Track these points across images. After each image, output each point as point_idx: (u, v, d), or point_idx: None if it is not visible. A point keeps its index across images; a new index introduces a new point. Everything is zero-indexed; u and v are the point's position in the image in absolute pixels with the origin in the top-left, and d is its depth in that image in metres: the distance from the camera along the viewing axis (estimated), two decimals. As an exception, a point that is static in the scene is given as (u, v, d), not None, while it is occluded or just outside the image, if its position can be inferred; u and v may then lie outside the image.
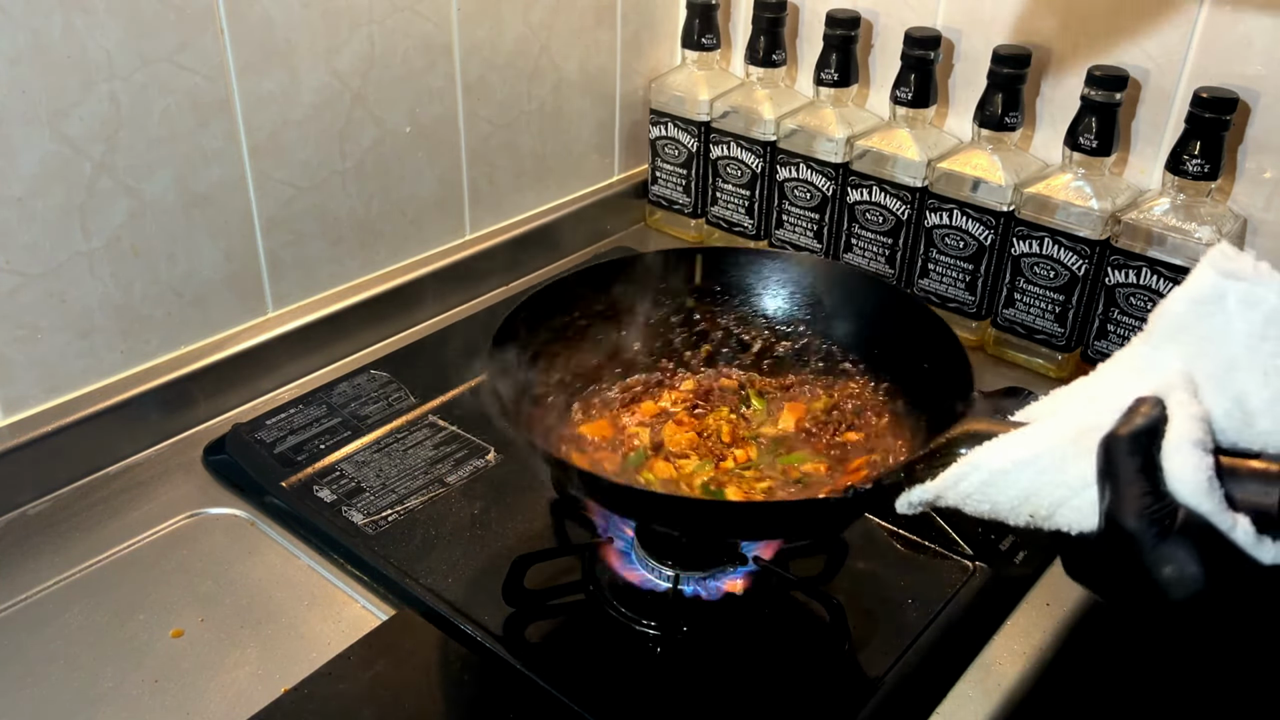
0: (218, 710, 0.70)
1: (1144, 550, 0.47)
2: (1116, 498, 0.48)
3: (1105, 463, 0.50)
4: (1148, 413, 0.49)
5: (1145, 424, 0.49)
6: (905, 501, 0.60)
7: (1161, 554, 0.47)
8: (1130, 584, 0.49)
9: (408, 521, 0.85)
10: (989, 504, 0.55)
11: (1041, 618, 0.80)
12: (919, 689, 0.74)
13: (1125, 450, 0.49)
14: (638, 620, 0.75)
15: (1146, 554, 0.47)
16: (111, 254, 0.88)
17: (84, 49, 0.81)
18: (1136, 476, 0.48)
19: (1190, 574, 0.47)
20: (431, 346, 1.09)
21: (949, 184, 1.08)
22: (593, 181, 1.32)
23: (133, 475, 0.90)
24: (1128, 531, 0.48)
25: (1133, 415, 0.50)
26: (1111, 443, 0.49)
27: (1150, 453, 0.49)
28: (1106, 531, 0.49)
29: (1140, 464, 0.48)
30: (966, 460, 0.56)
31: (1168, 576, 0.47)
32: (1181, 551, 0.47)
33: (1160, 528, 0.47)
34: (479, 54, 1.11)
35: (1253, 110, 0.97)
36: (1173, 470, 0.48)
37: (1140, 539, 0.47)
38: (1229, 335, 0.52)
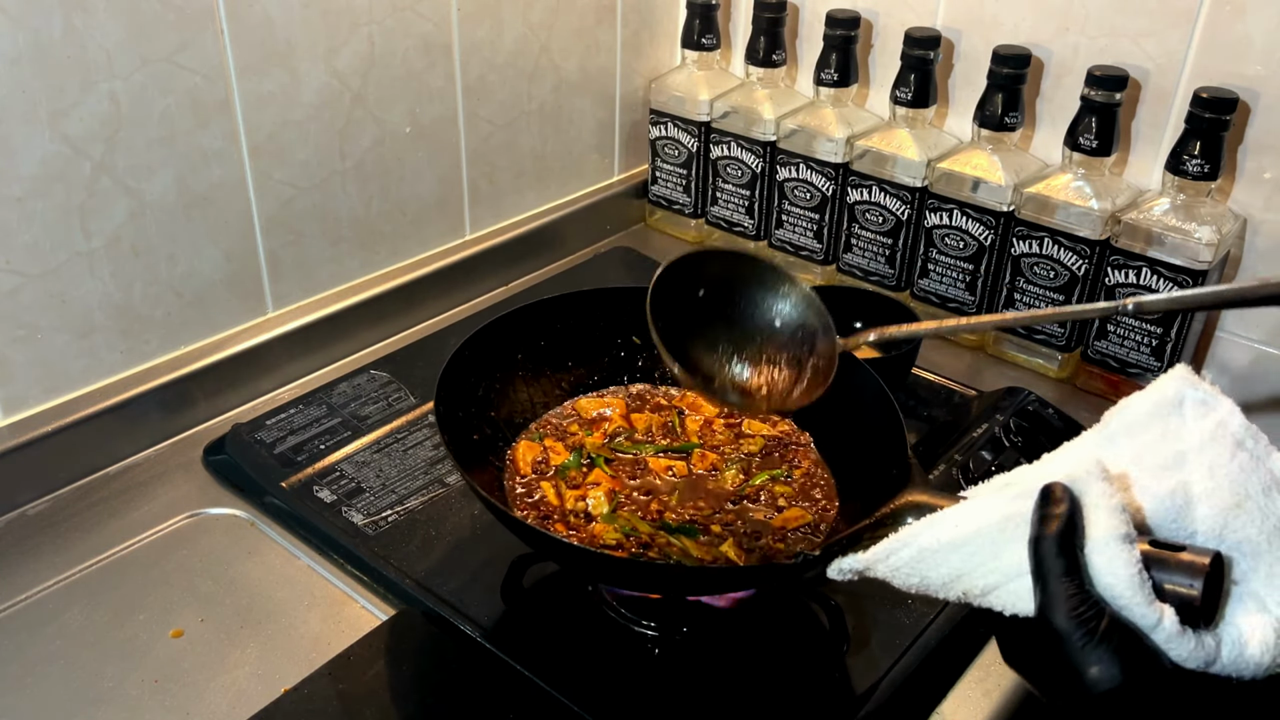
0: (218, 710, 0.70)
1: (1072, 650, 0.50)
2: (1046, 598, 0.51)
3: (1035, 562, 0.52)
4: (1062, 509, 0.52)
5: (1064, 524, 0.52)
6: (836, 569, 0.63)
7: (1088, 655, 0.49)
8: (1056, 675, 0.52)
9: (408, 522, 0.85)
10: (918, 579, 0.58)
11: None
12: (919, 689, 0.74)
13: (1052, 551, 0.51)
14: (637, 621, 0.75)
15: (1074, 654, 0.50)
16: (111, 254, 0.88)
17: (84, 49, 0.81)
18: (1063, 578, 0.51)
19: (1112, 674, 0.49)
20: (431, 346, 1.09)
21: (949, 184, 1.08)
22: (593, 181, 1.32)
23: (133, 475, 0.90)
24: (1058, 630, 0.50)
25: (1050, 511, 0.52)
26: (1039, 543, 0.52)
27: (1074, 552, 0.51)
28: (1038, 626, 0.52)
29: (1065, 565, 0.51)
30: (898, 536, 0.59)
31: (1093, 676, 0.49)
32: (1106, 654, 0.49)
33: (1087, 629, 0.50)
34: (479, 54, 1.11)
35: (1253, 110, 0.97)
36: (1099, 567, 0.51)
37: (1068, 639, 0.50)
38: (1182, 434, 0.56)
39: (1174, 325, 0.98)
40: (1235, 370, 1.06)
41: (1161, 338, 1.00)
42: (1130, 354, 1.02)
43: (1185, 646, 0.50)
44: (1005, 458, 0.91)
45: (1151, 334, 1.00)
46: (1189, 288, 0.93)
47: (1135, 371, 1.03)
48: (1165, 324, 0.99)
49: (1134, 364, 1.02)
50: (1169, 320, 0.98)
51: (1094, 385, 1.06)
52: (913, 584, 0.59)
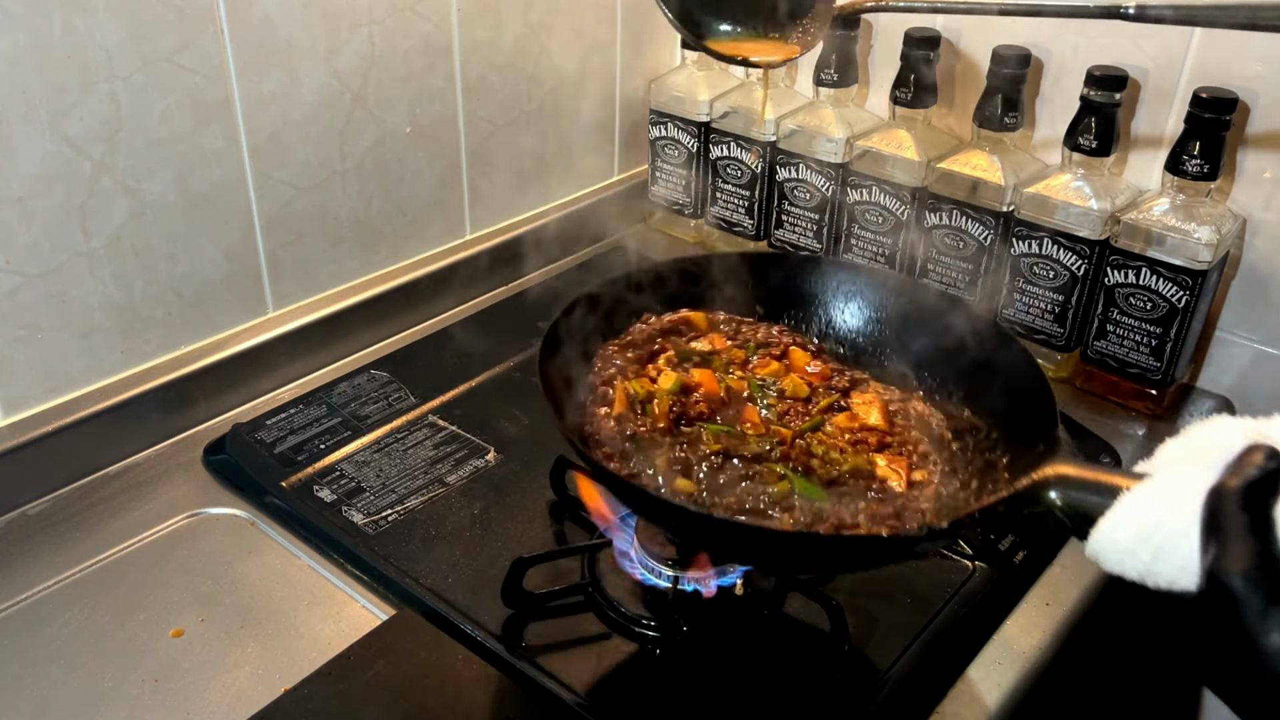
0: (218, 710, 0.70)
1: (1248, 613, 0.44)
2: (1223, 554, 0.45)
3: (1211, 516, 0.46)
4: (1260, 463, 0.46)
5: (1258, 474, 0.45)
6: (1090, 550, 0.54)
7: (1270, 620, 0.43)
8: (1229, 650, 0.45)
9: (408, 521, 0.85)
10: (1124, 566, 0.51)
11: (1041, 618, 0.80)
12: (919, 689, 0.74)
13: (1235, 503, 0.45)
14: (638, 621, 0.75)
15: (1251, 617, 0.44)
16: (111, 254, 0.88)
17: (84, 49, 0.81)
18: (1246, 533, 0.45)
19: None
20: (431, 346, 1.09)
21: (948, 184, 1.08)
22: (593, 181, 1.32)
23: (133, 475, 0.90)
24: (1232, 591, 0.44)
25: (1243, 465, 0.46)
26: (1220, 494, 0.46)
27: (1263, 507, 0.45)
28: (1208, 590, 0.46)
29: (1250, 521, 0.45)
30: (1110, 518, 0.51)
31: (1274, 644, 0.43)
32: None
33: (1268, 590, 0.44)
34: (479, 54, 1.11)
35: (1253, 110, 0.97)
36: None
37: (1245, 600, 0.44)
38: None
39: (1173, 325, 0.98)
40: (1235, 370, 1.06)
41: (1161, 338, 1.00)
42: (1130, 354, 1.02)
43: None
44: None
45: (1151, 334, 1.00)
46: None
47: (1135, 372, 1.03)
48: (1165, 324, 0.99)
49: (1133, 364, 1.02)
50: (1169, 320, 0.98)
51: (1093, 385, 1.06)
52: (1124, 570, 0.51)
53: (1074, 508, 0.55)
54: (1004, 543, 0.85)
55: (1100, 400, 1.05)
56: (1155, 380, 1.02)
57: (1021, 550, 0.84)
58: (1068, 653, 0.80)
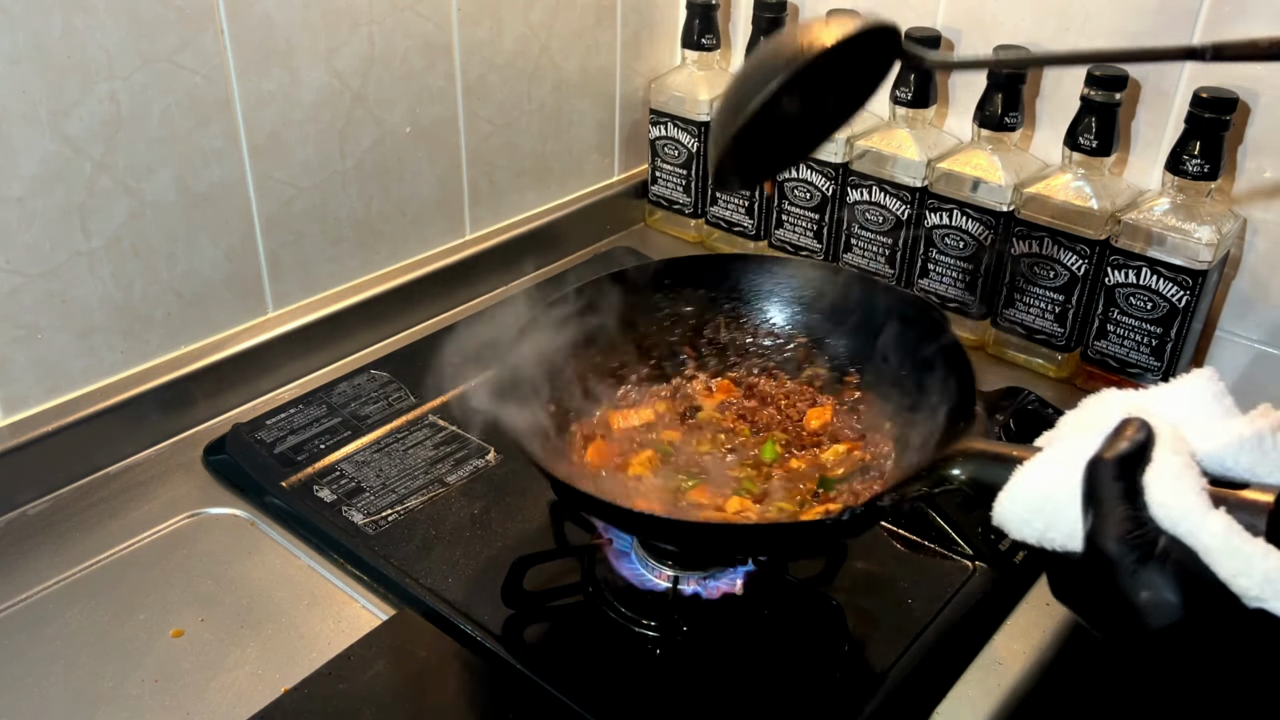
0: (218, 710, 0.70)
1: (1122, 574, 0.48)
2: (1099, 520, 0.49)
3: (1089, 485, 0.50)
4: (1132, 435, 0.50)
5: (1130, 448, 0.49)
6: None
7: (1139, 579, 0.47)
8: (1109, 608, 0.49)
9: (408, 521, 0.85)
10: (1023, 529, 0.54)
11: (1041, 617, 0.80)
12: (919, 689, 0.74)
13: (1110, 474, 0.49)
14: (637, 621, 0.75)
15: (1124, 578, 0.48)
16: (111, 254, 0.88)
17: (84, 49, 0.81)
18: (1119, 501, 0.48)
19: (1167, 601, 0.47)
20: (431, 346, 1.09)
21: (949, 184, 1.08)
22: (593, 181, 1.32)
23: (133, 475, 0.90)
24: (1107, 555, 0.48)
25: (1118, 438, 0.50)
26: (1096, 465, 0.50)
27: (1133, 477, 0.49)
28: (1087, 553, 0.50)
29: (1123, 489, 0.49)
30: (1008, 488, 0.55)
31: (1144, 602, 0.47)
32: (1159, 578, 0.47)
33: (1140, 553, 0.47)
34: (479, 54, 1.11)
35: (1253, 110, 0.97)
36: (1155, 495, 0.49)
37: (1119, 563, 0.48)
38: (1223, 404, 0.54)
39: (1174, 325, 0.98)
40: (1235, 370, 1.06)
41: (1161, 338, 1.00)
42: (1130, 354, 1.02)
43: (1248, 554, 0.46)
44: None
45: (1151, 334, 1.00)
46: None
47: (1135, 371, 1.03)
48: (1165, 324, 0.99)
49: (1134, 364, 1.02)
50: (1169, 320, 0.98)
51: (1094, 385, 1.06)
52: (1024, 536, 0.54)
53: (978, 481, 0.58)
54: (1004, 543, 0.85)
55: (1100, 400, 1.05)
56: (1156, 380, 1.02)
57: (1021, 550, 0.84)
58: (1068, 653, 0.80)
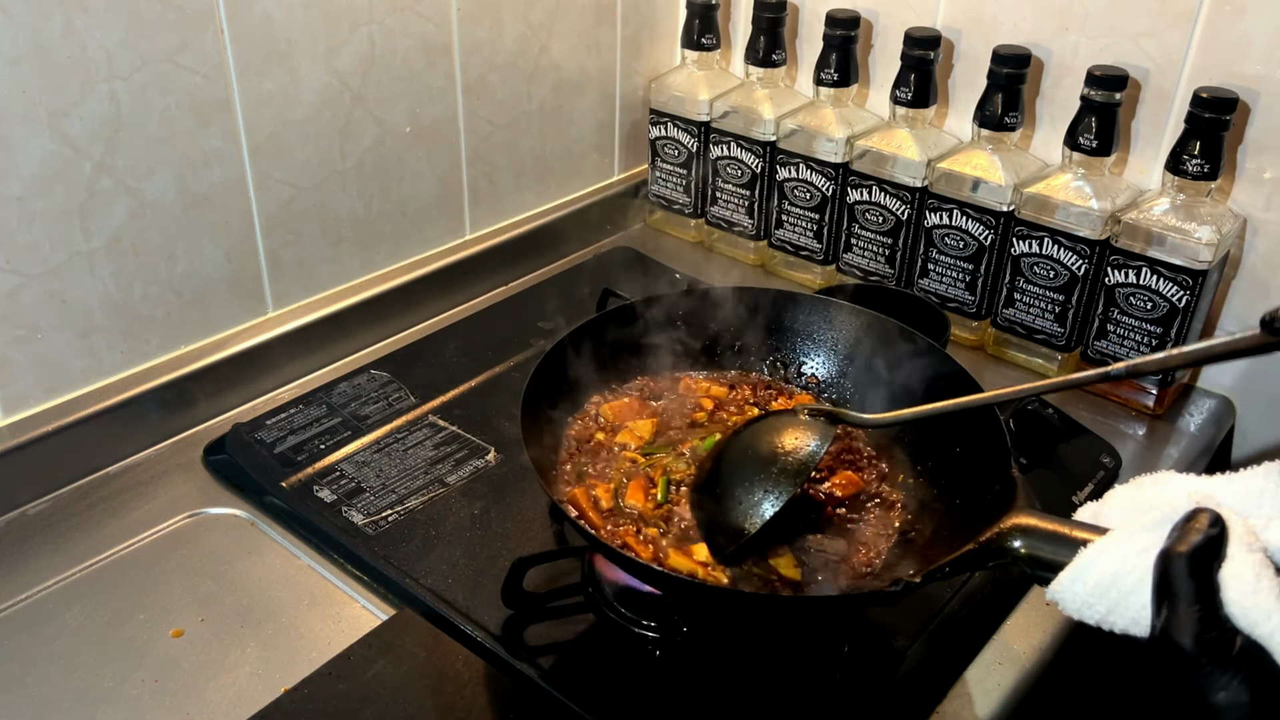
0: (218, 710, 0.70)
1: (1198, 673, 0.48)
2: (1173, 617, 0.49)
3: (1161, 579, 0.50)
4: (1204, 529, 0.49)
5: (1203, 541, 0.49)
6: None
7: (1215, 680, 0.47)
8: (1178, 699, 0.49)
9: (408, 521, 0.85)
10: (1085, 613, 0.55)
11: (1041, 617, 0.80)
12: (919, 689, 0.74)
13: (1183, 569, 0.49)
14: (637, 622, 0.75)
15: (1201, 677, 0.48)
16: (111, 254, 0.88)
17: (84, 49, 0.81)
18: (1194, 599, 0.48)
19: (1240, 702, 0.47)
20: (431, 346, 1.09)
21: (949, 184, 1.08)
22: (593, 181, 1.32)
23: (133, 475, 0.90)
24: (1185, 652, 0.48)
25: (1190, 530, 0.50)
26: (1169, 558, 0.49)
27: (1209, 573, 0.49)
28: (1160, 647, 0.49)
29: (1198, 587, 0.48)
30: (1072, 569, 0.55)
31: (1220, 702, 0.47)
32: (1235, 680, 0.47)
33: (1216, 654, 0.47)
34: (479, 54, 1.11)
35: (1253, 110, 0.97)
36: (1233, 595, 0.48)
37: (1196, 662, 0.48)
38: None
39: (1174, 325, 0.98)
40: (1235, 370, 1.06)
41: (1161, 338, 1.00)
42: (1130, 354, 1.02)
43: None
44: (1005, 458, 0.91)
45: (1151, 334, 1.00)
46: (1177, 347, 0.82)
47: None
48: (1165, 324, 0.99)
49: (1134, 364, 1.02)
50: (1169, 320, 0.98)
51: (1094, 385, 1.06)
52: (1083, 616, 0.56)
53: (1036, 558, 0.59)
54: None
55: (1100, 400, 1.05)
56: (1156, 380, 1.02)
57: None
58: (1068, 653, 0.80)
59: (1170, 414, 1.05)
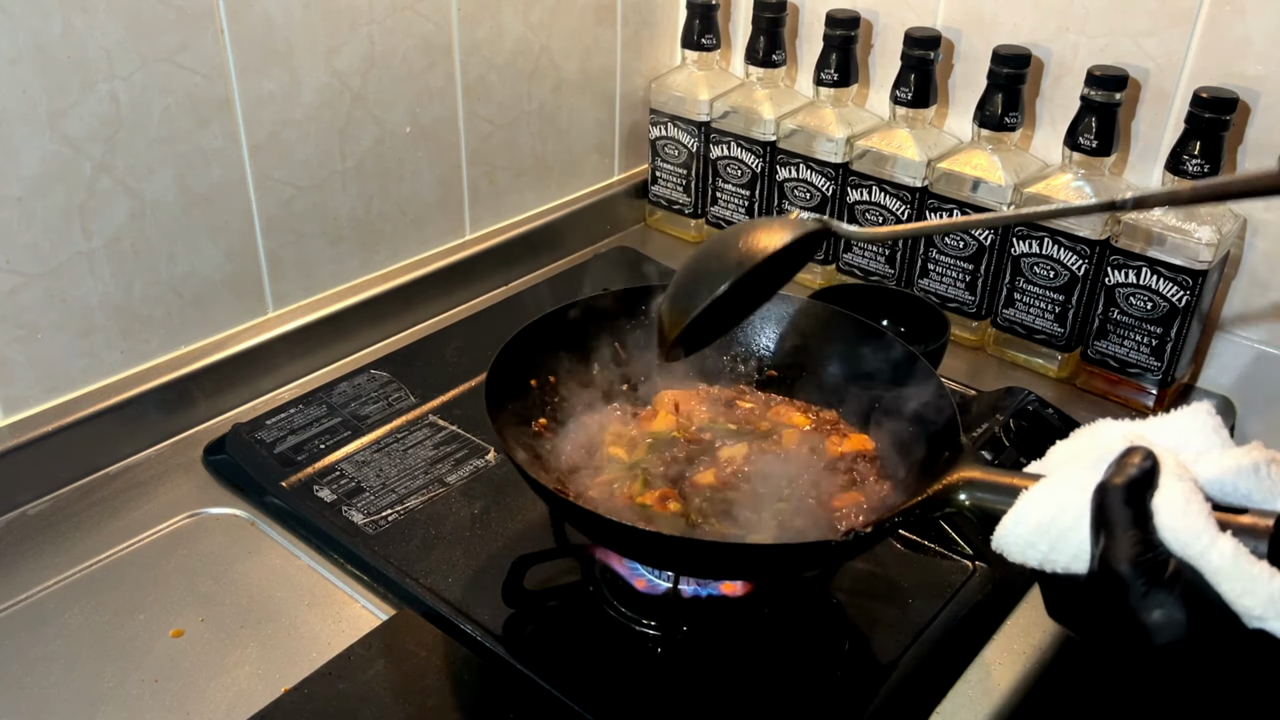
0: (218, 710, 0.70)
1: (1133, 595, 0.50)
2: (1111, 543, 0.51)
3: (1099, 510, 0.52)
4: (1139, 462, 0.52)
5: (1137, 473, 0.52)
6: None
7: (1151, 599, 0.50)
8: (1116, 626, 0.51)
9: (408, 521, 0.85)
10: (1025, 555, 0.57)
11: (1041, 618, 0.80)
12: (919, 689, 0.74)
13: (1120, 499, 0.51)
14: (638, 620, 0.75)
15: (1135, 599, 0.50)
16: (111, 254, 0.88)
17: (84, 49, 0.81)
18: (1130, 525, 0.51)
19: (1176, 619, 0.49)
20: (431, 346, 1.09)
21: (949, 184, 1.08)
22: (593, 181, 1.32)
23: (133, 475, 0.90)
24: (1120, 576, 0.50)
25: (1125, 465, 0.52)
26: (1106, 491, 0.52)
27: (1143, 501, 0.51)
28: (1099, 575, 0.52)
29: (1133, 514, 0.51)
30: (1012, 514, 0.57)
31: (1154, 621, 0.49)
32: (1170, 598, 0.49)
33: (1151, 575, 0.50)
34: (479, 54, 1.11)
35: (1253, 110, 0.97)
36: (1165, 520, 0.51)
37: (1131, 584, 0.50)
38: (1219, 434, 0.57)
39: (1174, 325, 0.98)
40: (1235, 370, 1.06)
41: (1161, 338, 1.00)
42: (1130, 354, 1.02)
43: (1253, 575, 0.49)
44: (1005, 457, 0.91)
45: (1151, 334, 1.00)
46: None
47: (1135, 371, 1.03)
48: (1165, 324, 0.99)
49: (1134, 364, 1.02)
50: (1169, 320, 0.98)
51: (1094, 385, 1.06)
52: (1025, 559, 0.57)
53: (980, 507, 0.62)
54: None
55: (1100, 400, 1.05)
56: (1156, 380, 1.02)
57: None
58: (1068, 653, 0.80)
59: (1170, 414, 1.05)
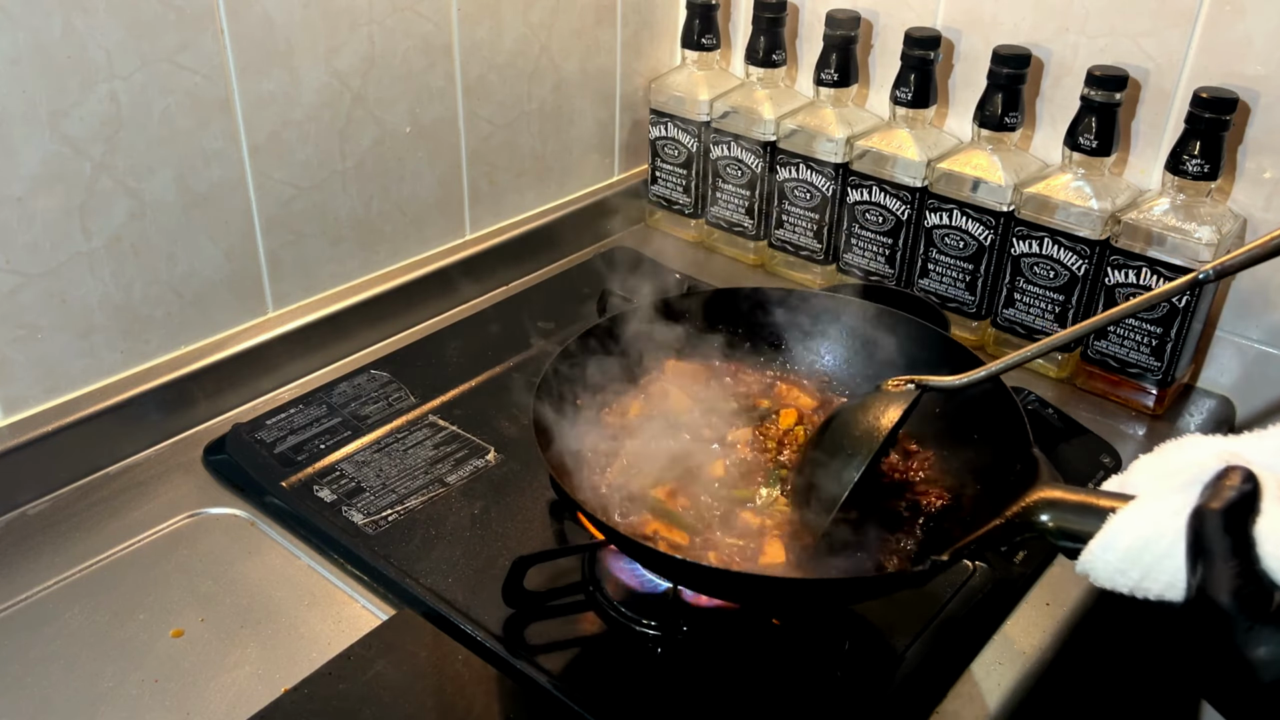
0: (218, 710, 0.70)
1: (1237, 630, 0.47)
2: (1210, 574, 0.48)
3: (1196, 538, 0.49)
4: (1237, 485, 0.49)
5: (1237, 497, 0.48)
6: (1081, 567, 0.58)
7: (1255, 635, 0.46)
8: (1216, 662, 0.48)
9: (408, 521, 0.85)
10: (1115, 581, 0.54)
11: (1041, 618, 0.80)
12: (919, 689, 0.74)
13: (1217, 526, 0.48)
14: (638, 621, 0.75)
15: (1239, 634, 0.47)
16: (111, 254, 0.88)
17: (84, 49, 0.81)
18: (1230, 554, 0.47)
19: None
20: (431, 346, 1.09)
21: (949, 184, 1.08)
22: (593, 181, 1.32)
23: (133, 475, 0.90)
24: (1221, 609, 0.47)
25: (1222, 488, 0.49)
26: (1203, 516, 0.49)
27: (1244, 528, 0.48)
28: (1198, 606, 0.49)
29: (1234, 542, 0.48)
30: (1099, 539, 0.55)
31: (1260, 658, 0.46)
32: (1276, 634, 0.46)
33: (1254, 608, 0.47)
34: (479, 54, 1.11)
35: (1253, 110, 0.97)
36: (1270, 549, 0.48)
37: (1234, 618, 0.47)
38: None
39: (1174, 325, 0.98)
40: (1235, 370, 1.06)
41: (1161, 338, 1.00)
42: (1130, 354, 1.02)
43: None
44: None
45: (1151, 334, 1.00)
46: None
47: (1135, 371, 1.03)
48: (1165, 324, 0.99)
49: (1134, 364, 1.02)
50: (1169, 320, 0.98)
51: (1094, 385, 1.06)
52: (1115, 585, 0.54)
53: (1064, 530, 0.59)
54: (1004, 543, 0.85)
55: (1101, 400, 1.05)
56: (1156, 380, 1.02)
57: (1022, 550, 0.84)
58: (1068, 653, 0.80)
59: (1170, 414, 1.05)
